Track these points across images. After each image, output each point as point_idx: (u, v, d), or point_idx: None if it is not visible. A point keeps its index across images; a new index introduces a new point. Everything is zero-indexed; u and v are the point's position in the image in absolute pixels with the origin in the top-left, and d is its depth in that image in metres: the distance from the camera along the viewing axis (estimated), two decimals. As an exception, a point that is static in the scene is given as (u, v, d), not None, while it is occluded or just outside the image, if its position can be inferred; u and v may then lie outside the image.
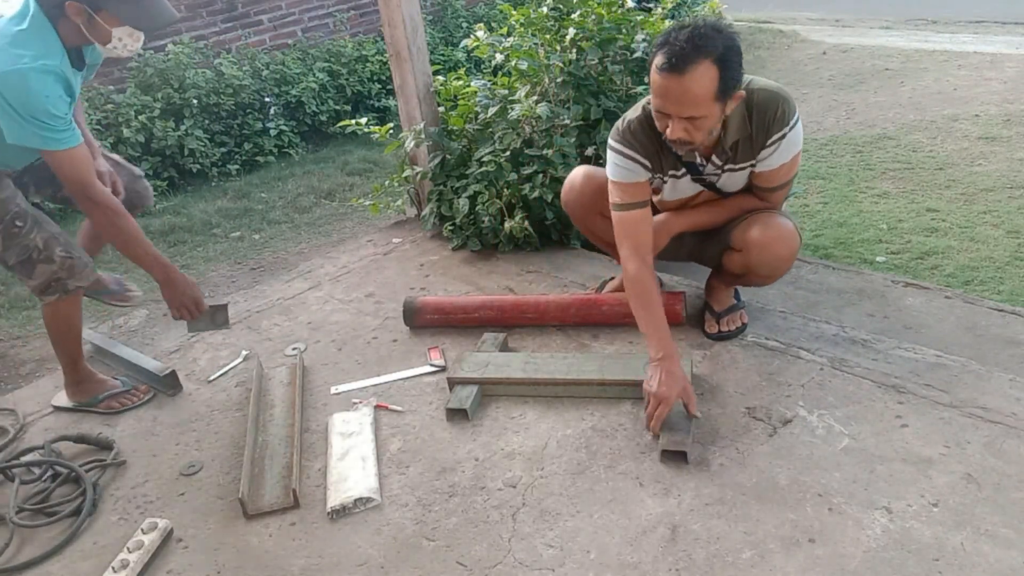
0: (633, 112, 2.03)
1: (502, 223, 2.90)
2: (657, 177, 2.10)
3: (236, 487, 1.90)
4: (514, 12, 3.16)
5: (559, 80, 2.95)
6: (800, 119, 1.97)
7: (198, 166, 5.03)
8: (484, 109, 3.00)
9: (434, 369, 2.30)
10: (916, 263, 2.98)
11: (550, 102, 2.90)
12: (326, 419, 2.12)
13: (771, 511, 1.64)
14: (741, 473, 1.75)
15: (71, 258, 2.06)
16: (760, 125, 1.94)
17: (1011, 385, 1.93)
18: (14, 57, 1.76)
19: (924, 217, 3.38)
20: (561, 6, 3.05)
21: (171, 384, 2.33)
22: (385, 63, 5.96)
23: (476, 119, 3.06)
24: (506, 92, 3.03)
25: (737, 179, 2.08)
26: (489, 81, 3.10)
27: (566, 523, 1.68)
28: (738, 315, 2.28)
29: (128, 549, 1.71)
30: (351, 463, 1.90)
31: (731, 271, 2.19)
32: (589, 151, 2.92)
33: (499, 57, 3.02)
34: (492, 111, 2.95)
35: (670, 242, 2.26)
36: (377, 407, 2.15)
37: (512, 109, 2.91)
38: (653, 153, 2.02)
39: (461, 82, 3.11)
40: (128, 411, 2.27)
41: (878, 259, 3.04)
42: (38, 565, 1.76)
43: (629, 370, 2.05)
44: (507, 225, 2.87)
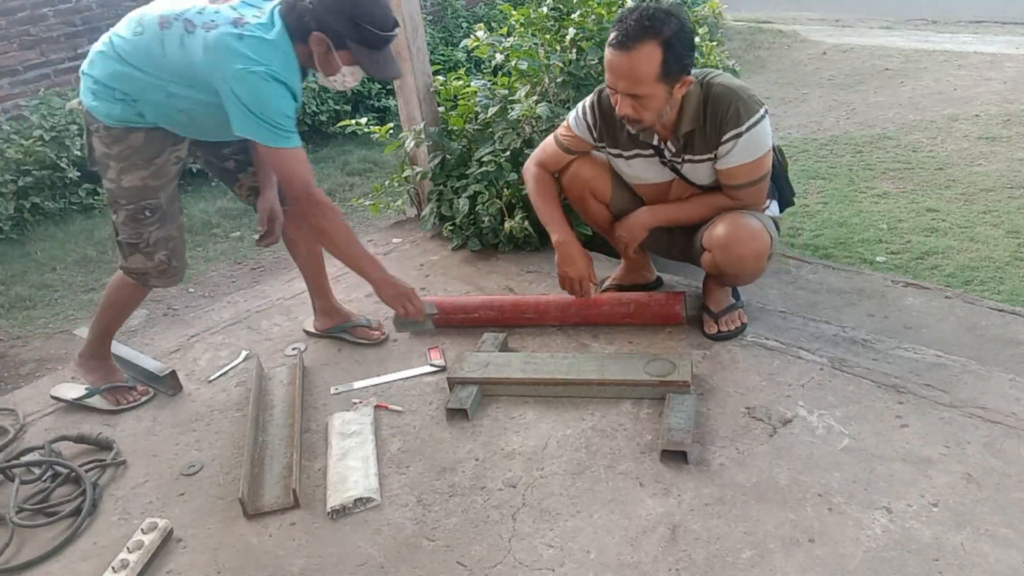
0: None
1: (502, 223, 2.90)
2: (603, 147, 2.21)
3: (236, 487, 1.90)
4: (514, 12, 3.16)
5: (559, 80, 2.95)
6: (765, 123, 1.95)
7: (198, 166, 5.01)
8: (484, 109, 3.00)
9: (434, 369, 2.30)
10: (916, 263, 2.99)
11: (550, 102, 2.90)
12: (326, 419, 2.12)
13: (771, 511, 1.64)
14: (741, 473, 1.75)
15: (168, 265, 2.15)
16: (713, 120, 1.98)
17: (1011, 385, 1.93)
18: (256, 62, 1.82)
19: (924, 217, 3.38)
20: (561, 6, 3.05)
21: (171, 384, 2.33)
22: (385, 63, 5.95)
23: (476, 119, 3.06)
24: (506, 92, 3.03)
25: (700, 171, 2.10)
26: (489, 81, 3.10)
27: (566, 523, 1.68)
28: (736, 315, 2.28)
29: (128, 549, 1.71)
30: (351, 463, 1.90)
31: (707, 271, 2.22)
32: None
33: (499, 57, 3.02)
34: (492, 111, 2.96)
35: (661, 239, 2.29)
36: (377, 407, 2.15)
37: (512, 109, 2.91)
38: (618, 128, 2.11)
39: (461, 82, 3.11)
40: (128, 411, 2.27)
41: (878, 259, 3.04)
42: (38, 565, 1.76)
43: (629, 370, 2.06)
44: (507, 225, 2.87)
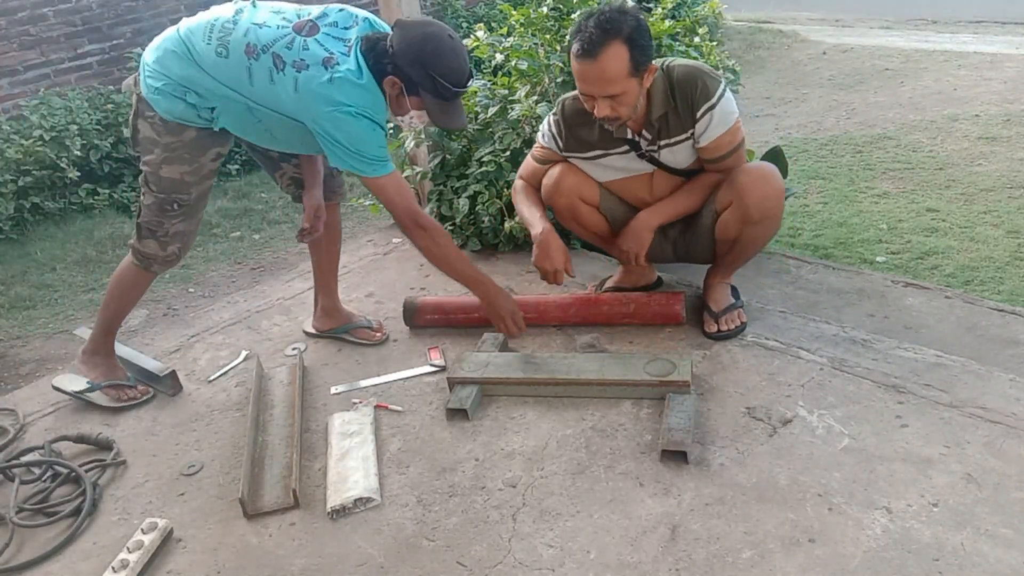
0: (572, 95, 2.18)
1: (502, 223, 2.90)
2: (571, 155, 2.27)
3: (236, 487, 1.90)
4: (514, 12, 3.16)
5: (559, 80, 2.95)
6: (728, 91, 2.07)
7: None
8: (484, 109, 3.00)
9: (434, 369, 2.30)
10: (916, 263, 2.98)
11: (550, 102, 2.90)
12: (326, 419, 2.12)
13: (771, 511, 1.64)
14: (741, 473, 1.75)
15: (176, 256, 2.21)
16: (684, 100, 2.06)
17: (1011, 385, 1.93)
18: (345, 105, 1.89)
19: (924, 217, 3.38)
20: (561, 6, 3.05)
21: (171, 384, 2.33)
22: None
23: (476, 119, 3.06)
24: (506, 92, 3.03)
25: (680, 154, 2.15)
26: (489, 81, 3.11)
27: (566, 523, 1.68)
28: (736, 314, 2.28)
29: (128, 549, 1.71)
30: (351, 463, 1.90)
31: (727, 236, 2.19)
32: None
33: (499, 57, 3.02)
34: (492, 111, 2.96)
35: (657, 243, 2.27)
36: (377, 407, 2.15)
37: (512, 109, 2.91)
38: (586, 132, 2.19)
39: (461, 82, 3.11)
40: (128, 411, 2.27)
41: (878, 259, 3.04)
42: (38, 565, 1.76)
43: (629, 370, 2.06)
44: (507, 225, 2.87)
